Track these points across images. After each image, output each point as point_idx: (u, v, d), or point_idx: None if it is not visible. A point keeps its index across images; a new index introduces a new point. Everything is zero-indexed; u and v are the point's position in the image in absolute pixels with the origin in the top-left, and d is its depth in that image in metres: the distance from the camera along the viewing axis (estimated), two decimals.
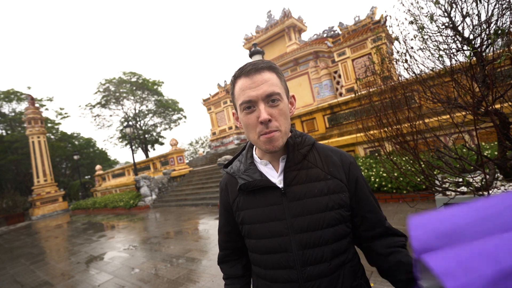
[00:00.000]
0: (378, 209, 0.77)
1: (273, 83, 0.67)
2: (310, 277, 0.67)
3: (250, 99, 0.66)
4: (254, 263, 0.78)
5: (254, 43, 8.86)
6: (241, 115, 0.70)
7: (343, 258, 0.71)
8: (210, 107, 20.05)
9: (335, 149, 0.81)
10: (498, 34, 1.42)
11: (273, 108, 0.66)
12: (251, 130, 0.69)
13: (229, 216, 0.83)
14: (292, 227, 0.69)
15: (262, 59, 0.71)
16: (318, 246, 0.68)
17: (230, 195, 0.81)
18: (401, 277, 0.66)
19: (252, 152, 0.82)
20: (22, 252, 6.83)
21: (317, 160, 0.76)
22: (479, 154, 1.57)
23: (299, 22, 16.64)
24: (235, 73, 0.71)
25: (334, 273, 0.69)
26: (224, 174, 0.91)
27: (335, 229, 0.70)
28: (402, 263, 0.66)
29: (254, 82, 0.66)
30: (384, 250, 0.72)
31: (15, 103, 24.35)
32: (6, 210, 17.04)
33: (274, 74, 0.69)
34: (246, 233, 0.77)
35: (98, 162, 30.49)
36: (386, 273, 0.72)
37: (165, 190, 12.75)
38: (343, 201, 0.72)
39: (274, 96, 0.66)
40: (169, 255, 4.27)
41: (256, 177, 0.74)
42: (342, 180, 0.74)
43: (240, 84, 0.69)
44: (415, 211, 3.98)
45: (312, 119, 7.69)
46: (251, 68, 0.67)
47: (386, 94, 2.48)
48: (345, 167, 0.76)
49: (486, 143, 4.50)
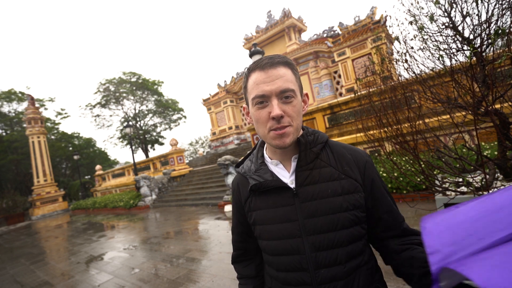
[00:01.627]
0: (396, 210, 0.73)
1: (288, 79, 0.65)
2: (324, 280, 0.65)
3: (264, 93, 0.64)
4: (267, 263, 0.77)
5: (254, 43, 8.86)
6: (253, 110, 0.68)
7: (359, 261, 0.68)
8: (210, 107, 20.05)
9: (349, 146, 0.77)
10: (499, 34, 1.42)
11: (286, 105, 0.64)
12: (262, 125, 0.67)
13: (241, 217, 0.82)
14: (305, 229, 0.67)
15: (278, 54, 0.69)
16: (331, 248, 0.66)
17: (242, 196, 0.80)
18: (413, 271, 0.63)
19: (262, 151, 0.80)
20: (22, 252, 6.83)
21: (331, 158, 0.73)
22: (479, 154, 1.57)
23: (299, 22, 16.64)
24: (250, 66, 0.68)
25: (349, 276, 0.66)
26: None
27: (350, 230, 0.67)
28: (414, 258, 0.64)
29: (269, 77, 0.64)
30: (398, 247, 0.69)
31: (16, 103, 24.36)
32: (6, 210, 17.03)
33: (290, 70, 0.67)
34: (258, 234, 0.76)
35: (98, 162, 30.47)
36: (399, 270, 0.70)
37: (165, 190, 12.74)
38: (358, 201, 0.69)
39: (288, 92, 0.64)
40: (169, 255, 4.27)
41: (267, 177, 0.72)
42: (357, 180, 0.70)
43: (254, 77, 0.66)
44: (415, 211, 3.98)
45: (312, 119, 7.69)
46: (267, 62, 0.65)
47: (386, 94, 2.48)
48: (360, 166, 0.72)
49: (486, 143, 4.50)
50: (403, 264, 0.67)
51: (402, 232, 0.72)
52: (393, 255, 0.70)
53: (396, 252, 0.69)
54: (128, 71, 25.25)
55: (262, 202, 0.74)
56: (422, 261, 0.62)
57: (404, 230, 0.72)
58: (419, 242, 0.68)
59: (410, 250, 0.67)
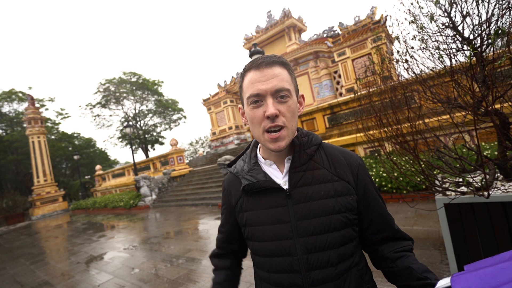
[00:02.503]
0: (387, 212, 0.75)
1: (284, 78, 0.64)
2: (315, 281, 0.66)
3: (259, 92, 0.63)
4: (257, 266, 0.76)
5: (254, 43, 8.87)
6: (248, 109, 0.67)
7: (350, 262, 0.69)
8: (210, 107, 20.05)
9: (342, 149, 0.78)
10: (498, 34, 1.42)
11: (282, 104, 0.64)
12: (256, 125, 0.66)
13: (230, 216, 0.82)
14: (297, 230, 0.67)
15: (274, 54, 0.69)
16: (323, 250, 0.66)
17: (233, 196, 0.79)
18: (411, 282, 0.65)
19: (256, 151, 0.79)
20: (22, 252, 6.83)
21: (324, 160, 0.73)
22: (479, 154, 1.57)
23: (299, 22, 16.64)
24: (246, 66, 0.68)
25: (340, 278, 0.67)
26: (227, 173, 0.91)
27: (342, 233, 0.67)
28: (411, 269, 0.65)
29: (264, 76, 0.63)
30: (392, 254, 0.71)
31: (16, 103, 24.37)
32: (6, 210, 17.03)
33: (285, 70, 0.66)
34: (249, 235, 0.75)
35: (98, 162, 30.48)
36: (394, 278, 0.71)
37: (165, 190, 12.74)
38: (351, 204, 0.69)
39: (284, 92, 0.63)
40: (169, 255, 4.27)
41: (260, 178, 0.72)
42: (350, 183, 0.71)
43: (249, 77, 0.66)
44: (415, 211, 3.98)
45: (312, 119, 7.69)
46: (263, 61, 0.64)
47: (386, 94, 2.48)
48: (354, 169, 0.73)
49: (486, 143, 4.50)
50: (401, 274, 0.68)
51: (393, 234, 0.74)
52: (388, 263, 0.71)
53: (391, 260, 0.71)
54: (128, 71, 25.26)
55: (254, 203, 0.73)
56: (419, 271, 0.64)
57: (396, 232, 0.74)
58: (411, 248, 0.72)
59: (404, 258, 0.69)
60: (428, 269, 0.64)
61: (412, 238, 0.76)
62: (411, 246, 0.72)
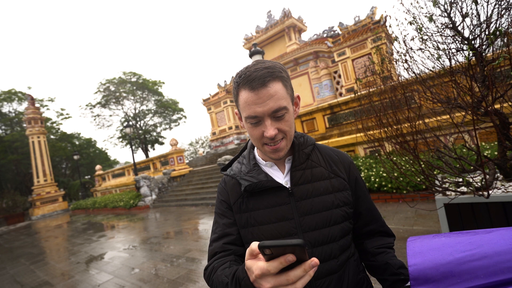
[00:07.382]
0: (374, 206, 0.83)
1: (279, 96, 0.63)
2: (320, 274, 0.68)
3: (256, 115, 0.63)
4: None
5: (254, 43, 8.86)
6: (246, 125, 0.68)
7: (348, 254, 0.73)
8: (210, 107, 20.05)
9: (334, 148, 0.85)
10: (497, 35, 1.42)
11: (280, 122, 0.65)
12: (256, 140, 0.68)
13: (225, 219, 0.79)
14: (301, 226, 0.70)
15: (263, 59, 0.67)
16: (326, 244, 0.70)
17: (231, 197, 0.79)
18: (387, 277, 0.72)
19: (254, 153, 0.81)
20: (22, 252, 6.83)
21: (320, 159, 0.78)
22: (479, 154, 1.58)
23: (299, 22, 16.64)
24: (239, 80, 0.65)
25: (341, 269, 0.71)
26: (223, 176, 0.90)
27: (341, 226, 0.72)
28: (389, 265, 0.71)
29: (260, 98, 0.62)
30: (374, 250, 0.77)
31: (16, 103, 24.36)
32: (6, 210, 17.04)
33: (280, 83, 0.64)
34: (250, 235, 0.73)
35: (98, 162, 30.47)
36: (373, 271, 0.78)
37: (165, 190, 12.74)
38: (347, 198, 0.74)
39: (281, 111, 0.64)
40: (169, 255, 4.27)
41: (262, 178, 0.73)
42: (345, 179, 0.77)
43: (244, 96, 0.64)
44: (415, 211, 3.98)
45: (312, 119, 7.69)
46: (257, 82, 0.61)
47: (386, 94, 2.48)
48: (346, 166, 0.80)
49: (486, 143, 4.50)
50: (378, 268, 0.75)
51: (378, 228, 0.81)
52: (369, 256, 0.78)
53: (372, 254, 0.77)
54: (129, 71, 25.26)
55: (256, 203, 0.74)
56: (395, 267, 0.70)
57: (381, 225, 0.81)
58: (392, 245, 0.79)
59: (384, 254, 0.75)
60: (404, 266, 0.70)
61: (394, 235, 0.83)
62: (392, 243, 0.79)
